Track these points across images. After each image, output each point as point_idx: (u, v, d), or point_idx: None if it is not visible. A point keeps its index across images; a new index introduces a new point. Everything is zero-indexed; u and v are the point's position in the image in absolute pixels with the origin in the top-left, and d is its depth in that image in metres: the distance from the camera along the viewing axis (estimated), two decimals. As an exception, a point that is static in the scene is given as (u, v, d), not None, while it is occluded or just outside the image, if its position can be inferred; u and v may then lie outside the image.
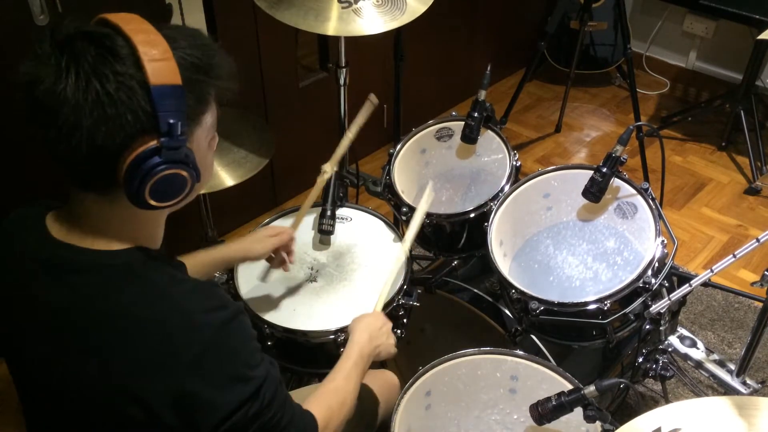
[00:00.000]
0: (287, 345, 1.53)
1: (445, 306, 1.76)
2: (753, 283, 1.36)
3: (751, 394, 1.43)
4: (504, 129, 2.79)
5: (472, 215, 1.66)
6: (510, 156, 1.73)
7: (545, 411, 1.26)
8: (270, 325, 1.50)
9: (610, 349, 1.74)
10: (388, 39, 2.09)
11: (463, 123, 1.75)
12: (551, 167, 1.66)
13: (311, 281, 1.62)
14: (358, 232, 1.74)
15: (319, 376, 1.63)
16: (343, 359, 1.27)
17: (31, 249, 0.97)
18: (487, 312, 1.70)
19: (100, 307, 0.92)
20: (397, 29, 1.83)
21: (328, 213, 1.70)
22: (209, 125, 0.97)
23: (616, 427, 1.07)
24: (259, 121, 2.04)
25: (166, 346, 0.90)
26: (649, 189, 1.54)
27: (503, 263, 1.58)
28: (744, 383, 1.45)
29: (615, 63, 3.52)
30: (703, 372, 1.49)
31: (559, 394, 1.25)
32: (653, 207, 1.51)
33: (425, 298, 1.73)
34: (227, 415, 0.92)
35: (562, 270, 1.60)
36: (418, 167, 1.87)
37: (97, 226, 0.95)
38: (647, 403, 2.01)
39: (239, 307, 0.97)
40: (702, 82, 3.56)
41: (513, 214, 1.64)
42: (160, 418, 0.91)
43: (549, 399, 1.26)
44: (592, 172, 1.54)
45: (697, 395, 1.88)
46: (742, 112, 3.07)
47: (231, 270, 1.61)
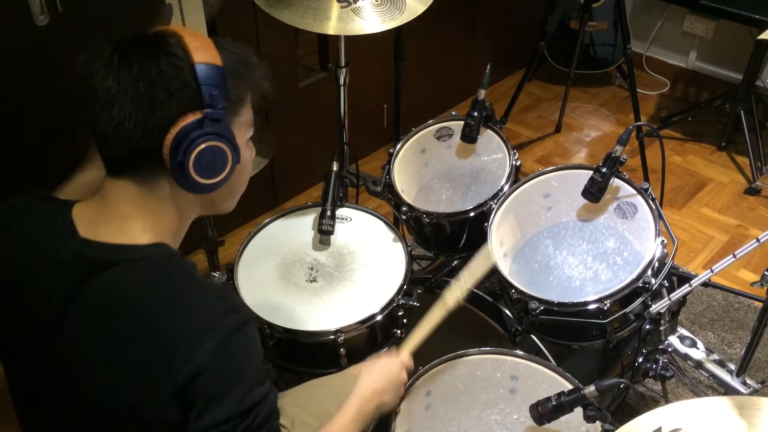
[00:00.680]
0: (287, 345, 1.53)
1: (445, 306, 1.76)
2: (753, 283, 1.36)
3: (751, 394, 1.43)
4: (504, 129, 2.79)
5: (472, 215, 1.66)
6: (510, 155, 1.73)
7: (545, 411, 1.26)
8: (270, 325, 1.50)
9: (610, 349, 1.74)
10: (387, 39, 2.09)
11: (462, 123, 1.75)
12: (551, 167, 1.66)
13: (311, 281, 1.62)
14: (358, 232, 1.74)
15: (319, 376, 1.63)
16: (342, 412, 1.22)
17: (55, 246, 0.97)
18: (487, 312, 1.70)
19: (117, 305, 0.94)
20: (397, 29, 1.83)
21: (328, 213, 1.70)
22: (246, 121, 1.02)
23: (616, 427, 1.07)
24: (259, 121, 2.04)
25: (177, 346, 0.91)
26: (649, 189, 1.54)
27: (503, 263, 1.58)
28: (744, 383, 1.45)
29: (615, 63, 3.51)
30: (703, 372, 1.49)
31: (559, 394, 1.25)
32: (653, 207, 1.51)
33: (425, 298, 1.73)
34: (216, 422, 0.91)
35: (562, 270, 1.60)
36: (418, 167, 1.87)
37: (126, 217, 0.97)
38: (647, 403, 2.01)
39: (250, 316, 0.98)
40: (702, 82, 3.56)
41: (513, 214, 1.64)
42: (166, 416, 0.92)
43: (549, 399, 1.26)
44: (592, 172, 1.54)
45: (697, 395, 1.88)
46: (742, 112, 3.07)
47: (231, 270, 1.61)
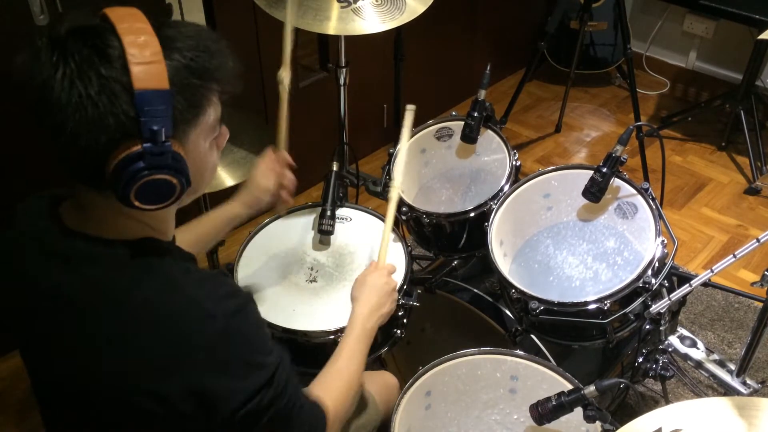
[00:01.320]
0: (287, 345, 1.53)
1: (445, 306, 1.76)
2: (753, 283, 1.36)
3: (751, 394, 1.43)
4: (504, 129, 2.78)
5: (472, 215, 1.66)
6: (510, 155, 1.73)
7: (545, 411, 1.26)
8: (270, 325, 1.50)
9: (610, 349, 1.74)
10: (388, 39, 2.09)
11: (463, 123, 1.75)
12: (551, 167, 1.66)
13: (311, 281, 1.62)
14: (358, 232, 1.73)
15: (319, 376, 1.63)
16: (345, 336, 1.27)
17: (46, 239, 0.97)
18: (487, 312, 1.70)
19: (115, 300, 0.93)
20: (397, 29, 1.83)
21: (328, 213, 1.70)
22: (208, 126, 0.95)
23: (616, 427, 1.07)
24: (259, 121, 2.04)
25: (180, 339, 0.91)
26: (649, 189, 1.54)
27: (503, 263, 1.58)
28: (744, 383, 1.45)
29: (615, 63, 3.52)
30: (703, 372, 1.49)
31: (559, 394, 1.25)
32: (653, 207, 1.51)
33: (425, 298, 1.73)
34: (242, 402, 0.92)
35: (562, 270, 1.60)
36: (418, 167, 1.87)
37: (104, 217, 0.96)
38: (647, 403, 2.01)
39: (248, 295, 0.99)
40: (702, 82, 3.56)
41: (513, 214, 1.64)
42: (177, 409, 0.91)
43: (549, 399, 1.26)
44: (592, 172, 1.54)
45: (697, 395, 1.88)
46: (742, 112, 3.07)
47: (231, 270, 1.61)
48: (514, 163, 1.71)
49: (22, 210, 1.03)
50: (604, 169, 1.52)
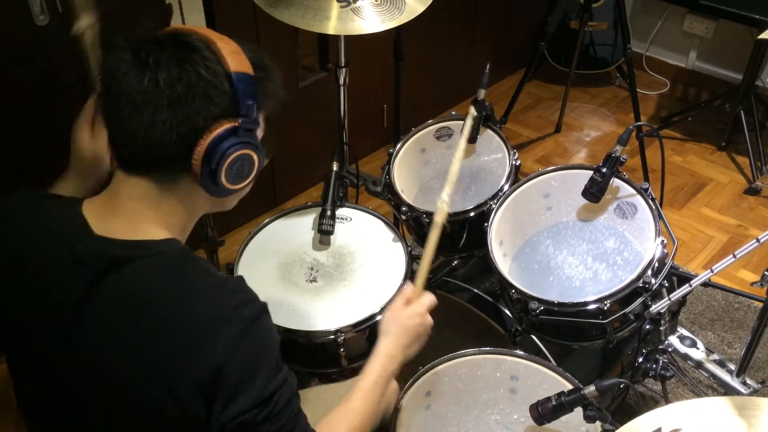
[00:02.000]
0: (287, 345, 1.53)
1: (445, 306, 1.75)
2: (753, 283, 1.36)
3: (751, 394, 1.43)
4: (504, 129, 2.78)
5: (472, 215, 1.66)
6: (510, 155, 1.73)
7: (545, 411, 1.26)
8: (270, 325, 1.50)
9: (610, 349, 1.74)
10: (387, 39, 2.09)
11: (462, 123, 1.75)
12: (551, 167, 1.66)
13: (311, 281, 1.62)
14: (358, 232, 1.73)
15: (319, 376, 1.63)
16: (365, 376, 1.17)
17: (73, 246, 0.97)
18: (487, 312, 1.70)
19: (137, 298, 0.94)
20: (397, 29, 1.83)
21: (328, 213, 1.70)
22: (262, 126, 1.03)
23: (616, 427, 1.07)
24: (258, 120, 2.04)
25: (196, 336, 0.92)
26: (649, 189, 1.54)
27: (503, 263, 1.58)
28: (744, 383, 1.45)
29: (615, 63, 3.51)
30: (703, 372, 1.49)
31: (559, 394, 1.25)
32: (653, 207, 1.51)
33: (425, 298, 1.73)
34: (237, 413, 0.92)
35: (562, 270, 1.60)
36: (418, 167, 1.87)
37: (138, 213, 0.98)
38: (647, 403, 2.01)
39: (264, 305, 1.00)
40: (702, 82, 3.56)
41: (513, 214, 1.64)
42: (190, 410, 0.92)
43: (549, 399, 1.26)
44: (592, 172, 1.54)
45: (697, 395, 1.88)
46: (742, 112, 3.06)
47: (231, 270, 1.61)
48: (514, 162, 1.71)
49: (43, 212, 1.04)
50: (604, 169, 1.52)
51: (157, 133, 0.91)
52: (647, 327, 1.54)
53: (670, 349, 1.51)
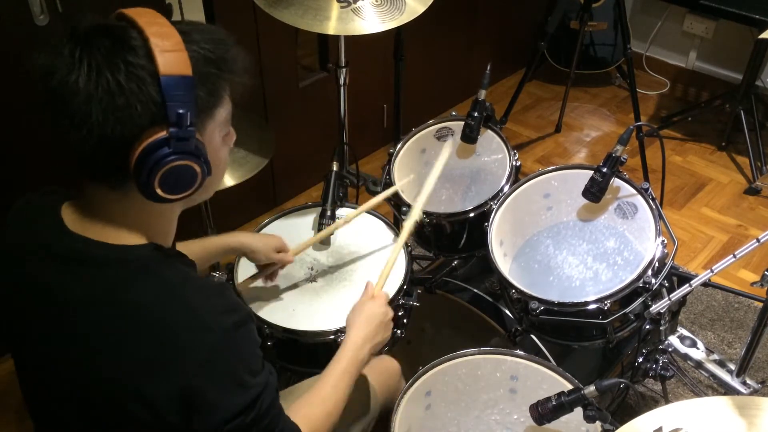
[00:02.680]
0: (287, 345, 1.53)
1: (445, 306, 1.76)
2: (753, 283, 1.36)
3: (751, 394, 1.43)
4: (504, 129, 2.78)
5: (472, 215, 1.66)
6: (510, 156, 1.73)
7: (545, 411, 1.26)
8: (270, 325, 1.50)
9: (610, 349, 1.74)
10: (388, 39, 2.09)
11: (463, 123, 1.75)
12: (551, 167, 1.66)
13: (311, 281, 1.62)
14: (358, 232, 1.73)
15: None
16: (334, 363, 1.21)
17: (46, 240, 0.97)
18: (487, 312, 1.70)
19: (112, 303, 0.93)
20: (397, 29, 1.83)
21: (328, 213, 1.70)
22: (222, 120, 0.97)
23: (616, 427, 1.07)
24: (259, 121, 2.04)
25: (174, 345, 0.90)
26: (650, 189, 1.54)
27: (503, 263, 1.57)
28: (744, 383, 1.45)
29: (615, 63, 3.51)
30: (703, 372, 1.49)
31: (559, 394, 1.25)
32: (653, 207, 1.51)
33: (425, 298, 1.73)
34: (225, 420, 0.92)
35: (562, 270, 1.60)
36: (418, 167, 1.87)
37: (111, 220, 0.96)
38: (647, 403, 2.01)
39: (248, 312, 0.98)
40: (702, 82, 3.56)
41: (513, 214, 1.64)
42: (164, 418, 0.91)
43: (549, 399, 1.26)
44: (592, 172, 1.54)
45: (697, 395, 1.88)
46: (742, 112, 3.07)
47: (231, 270, 1.61)
48: (514, 163, 1.71)
49: (23, 209, 1.03)
50: (604, 169, 1.52)
51: (88, 142, 0.87)
52: (647, 327, 1.54)
53: (670, 349, 1.51)
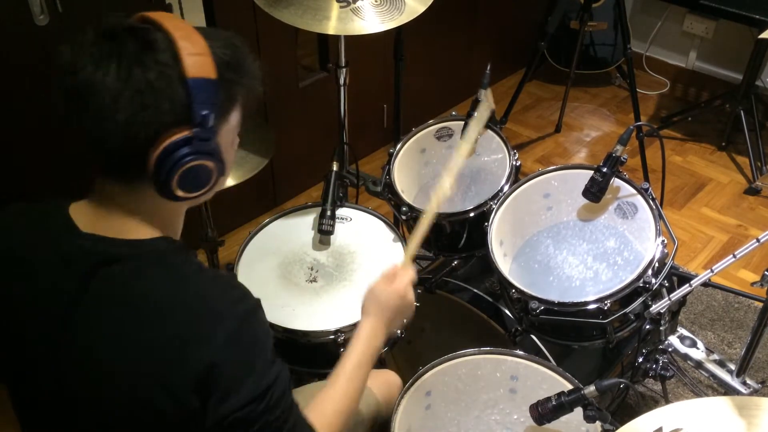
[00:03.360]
0: (287, 345, 1.53)
1: (445, 306, 1.76)
2: (753, 283, 1.36)
3: (751, 394, 1.43)
4: (504, 129, 2.78)
5: (472, 215, 1.66)
6: (510, 156, 1.73)
7: (545, 411, 1.26)
8: (270, 325, 1.50)
9: (610, 349, 1.74)
10: (388, 39, 2.09)
11: (462, 123, 1.76)
12: (551, 167, 1.66)
13: (311, 281, 1.62)
14: (358, 232, 1.74)
15: (319, 376, 1.63)
16: (347, 356, 1.17)
17: (58, 242, 0.97)
18: (487, 312, 1.70)
19: (129, 296, 0.94)
20: (397, 29, 1.83)
21: (328, 213, 1.70)
22: (234, 125, 1.00)
23: (616, 427, 1.07)
24: (259, 121, 2.04)
25: (191, 331, 0.91)
26: (650, 189, 1.54)
27: (503, 263, 1.58)
28: (744, 383, 1.45)
29: (615, 63, 3.51)
30: (703, 372, 1.49)
31: (559, 394, 1.25)
32: (653, 207, 1.51)
33: (425, 298, 1.73)
34: (233, 409, 0.92)
35: (562, 270, 1.60)
36: (418, 167, 1.87)
37: (123, 215, 0.97)
38: (647, 403, 2.01)
39: (258, 300, 0.99)
40: (702, 82, 3.56)
41: (513, 214, 1.64)
42: (185, 404, 0.91)
43: (549, 399, 1.26)
44: (592, 172, 1.54)
45: (697, 395, 1.88)
46: (742, 112, 3.07)
47: (231, 270, 1.62)
48: (514, 163, 1.71)
49: (20, 213, 1.03)
50: (605, 169, 1.52)
51: (115, 137, 0.88)
52: (647, 327, 1.54)
53: (670, 349, 1.51)
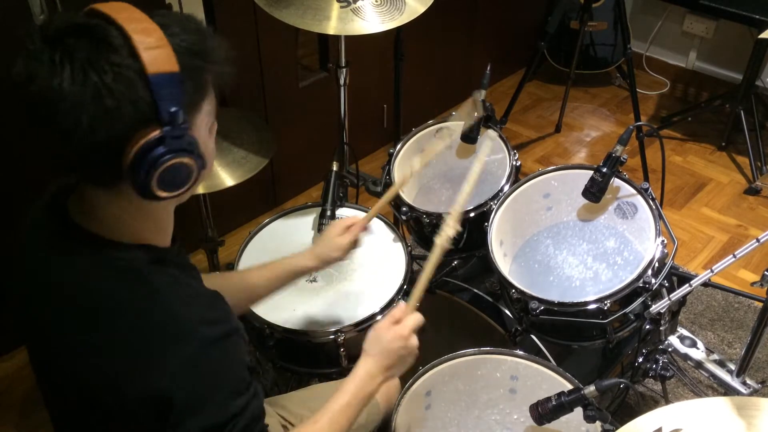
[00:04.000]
0: (287, 345, 1.53)
1: (445, 306, 1.76)
2: (753, 283, 1.36)
3: (751, 394, 1.43)
4: (504, 129, 2.77)
5: (472, 215, 1.66)
6: (510, 156, 1.73)
7: (545, 411, 1.26)
8: (270, 325, 1.50)
9: (610, 349, 1.74)
10: (388, 39, 2.09)
11: (462, 123, 1.75)
12: (551, 167, 1.66)
13: (311, 281, 1.62)
14: (358, 232, 1.73)
15: (319, 376, 1.63)
16: (338, 394, 1.11)
17: (47, 230, 0.97)
18: (487, 312, 1.70)
19: (97, 301, 0.92)
20: (397, 29, 1.83)
21: (328, 213, 1.70)
22: (208, 111, 0.95)
23: (616, 427, 1.07)
24: (259, 121, 2.04)
25: (149, 351, 0.89)
26: (649, 189, 1.54)
27: (503, 263, 1.58)
28: (744, 383, 1.45)
29: (615, 63, 3.51)
30: (703, 372, 1.49)
31: (559, 394, 1.25)
32: (653, 207, 1.51)
33: (425, 298, 1.72)
34: None
35: (562, 270, 1.60)
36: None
37: (105, 219, 0.94)
38: (647, 403, 2.01)
39: (236, 327, 0.95)
40: (702, 82, 3.56)
41: (513, 214, 1.64)
42: (139, 420, 0.91)
43: (549, 399, 1.26)
44: (592, 172, 1.54)
45: (697, 395, 1.88)
46: (742, 112, 3.06)
47: (231, 269, 1.61)
48: (514, 163, 1.71)
49: (33, 213, 1.03)
50: (604, 169, 1.52)
51: (82, 145, 0.84)
52: (647, 327, 1.54)
53: (670, 349, 1.51)
